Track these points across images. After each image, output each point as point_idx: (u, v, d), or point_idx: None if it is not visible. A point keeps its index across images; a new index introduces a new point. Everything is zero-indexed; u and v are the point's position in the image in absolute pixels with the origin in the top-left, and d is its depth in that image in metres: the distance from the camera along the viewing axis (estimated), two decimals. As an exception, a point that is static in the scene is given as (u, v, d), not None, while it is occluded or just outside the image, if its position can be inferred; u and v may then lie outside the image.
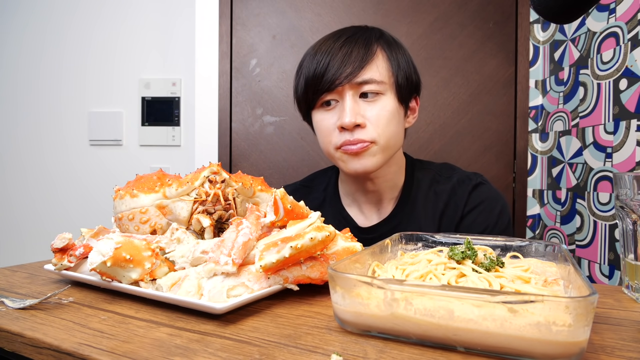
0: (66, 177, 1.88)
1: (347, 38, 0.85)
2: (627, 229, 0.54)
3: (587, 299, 0.33)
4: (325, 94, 0.84)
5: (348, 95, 0.83)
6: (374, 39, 0.86)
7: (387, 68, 0.85)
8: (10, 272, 0.65)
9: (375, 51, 0.84)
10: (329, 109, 0.86)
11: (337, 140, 0.85)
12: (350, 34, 0.87)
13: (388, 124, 0.84)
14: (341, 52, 0.83)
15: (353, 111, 0.82)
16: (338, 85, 0.82)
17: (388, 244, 0.60)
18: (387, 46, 0.87)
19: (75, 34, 1.86)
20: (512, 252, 0.59)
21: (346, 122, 0.81)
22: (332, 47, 0.84)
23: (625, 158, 1.11)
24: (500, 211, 0.90)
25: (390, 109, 0.84)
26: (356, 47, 0.84)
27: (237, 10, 1.75)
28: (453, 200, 0.91)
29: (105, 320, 0.44)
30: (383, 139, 0.84)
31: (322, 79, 0.83)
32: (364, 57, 0.83)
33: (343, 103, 0.83)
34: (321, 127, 0.88)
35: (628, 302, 0.52)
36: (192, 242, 0.56)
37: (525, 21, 1.63)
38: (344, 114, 0.82)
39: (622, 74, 1.13)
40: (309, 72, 0.86)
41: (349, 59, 0.82)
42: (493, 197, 0.91)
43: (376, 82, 0.83)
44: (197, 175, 0.65)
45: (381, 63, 0.85)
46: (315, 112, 0.89)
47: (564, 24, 1.45)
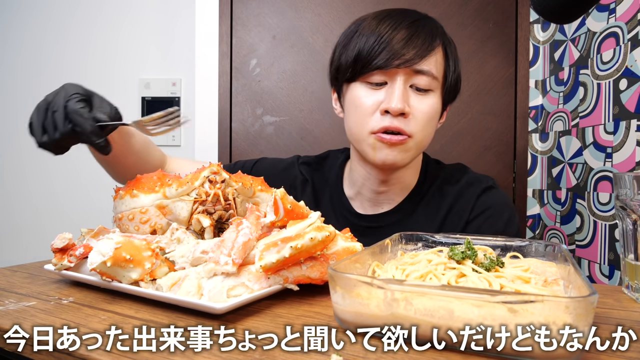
0: (66, 177, 1.88)
1: (413, 21, 0.79)
2: (627, 229, 0.54)
3: (587, 299, 0.33)
4: (377, 71, 0.78)
5: (400, 80, 0.77)
6: (438, 32, 0.81)
7: (443, 66, 0.82)
8: (10, 272, 0.65)
9: (437, 45, 0.80)
10: (374, 88, 0.80)
11: (377, 123, 0.79)
12: (417, 17, 0.81)
13: (429, 122, 0.81)
14: (407, 33, 0.77)
15: (403, 98, 0.77)
16: (395, 67, 0.76)
17: (388, 244, 0.60)
18: (448, 44, 0.83)
19: (75, 34, 1.86)
20: (512, 252, 0.59)
21: (393, 107, 0.76)
22: (398, 25, 0.78)
23: (625, 158, 1.11)
24: (509, 219, 0.85)
25: (435, 108, 0.81)
26: (422, 33, 0.78)
27: (237, 10, 1.75)
28: (459, 203, 0.87)
29: (105, 320, 0.44)
30: (420, 135, 0.80)
31: (379, 54, 0.77)
32: (428, 46, 0.78)
33: (392, 86, 0.78)
34: (360, 104, 0.81)
35: (628, 302, 0.52)
36: (192, 242, 0.56)
37: (525, 21, 1.63)
38: (392, 98, 0.77)
39: (622, 74, 1.13)
40: (367, 42, 0.78)
41: (413, 43, 0.77)
42: (502, 203, 0.87)
43: (432, 76, 0.79)
44: (197, 175, 0.65)
45: (439, 59, 0.81)
46: (355, 85, 0.82)
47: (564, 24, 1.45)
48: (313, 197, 0.97)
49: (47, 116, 0.66)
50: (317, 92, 1.73)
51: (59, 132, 0.65)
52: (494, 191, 0.88)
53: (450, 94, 0.85)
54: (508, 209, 0.86)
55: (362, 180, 0.91)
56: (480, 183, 0.88)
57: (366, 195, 0.92)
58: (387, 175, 0.87)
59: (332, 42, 1.72)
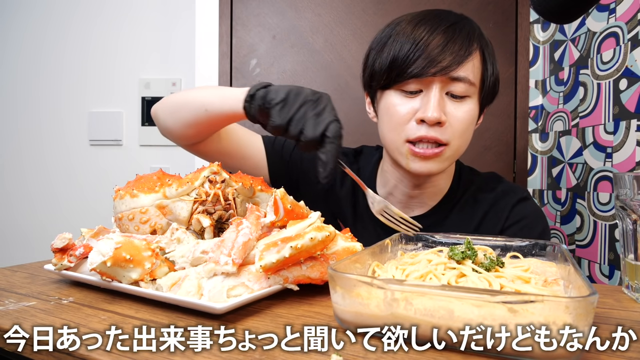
0: (66, 177, 1.88)
1: (449, 25, 0.77)
2: (627, 229, 0.54)
3: (587, 299, 0.33)
4: (413, 79, 0.76)
5: (436, 88, 0.76)
6: (475, 35, 0.79)
7: (480, 70, 0.79)
8: (10, 272, 0.65)
9: (474, 49, 0.77)
10: (409, 96, 0.78)
11: (412, 132, 0.77)
12: (453, 20, 0.79)
13: (466, 129, 0.79)
14: (443, 38, 0.75)
15: (439, 107, 0.75)
16: (430, 75, 0.74)
17: (388, 244, 0.60)
18: (485, 47, 0.81)
19: (75, 34, 1.86)
20: (512, 252, 0.59)
21: (429, 116, 0.74)
22: (434, 31, 0.76)
23: (625, 158, 1.11)
24: (543, 230, 0.85)
25: (472, 115, 0.79)
26: (459, 38, 0.76)
27: (237, 10, 1.75)
28: (494, 210, 0.86)
29: (105, 320, 0.44)
30: (457, 143, 0.79)
31: (414, 62, 0.75)
32: (465, 52, 0.75)
33: (428, 94, 0.76)
34: (395, 113, 0.79)
35: (628, 302, 0.52)
36: (192, 242, 0.56)
37: (525, 21, 1.63)
38: (428, 107, 0.75)
39: (622, 74, 1.13)
40: (401, 49, 0.76)
41: (450, 49, 0.74)
42: (536, 215, 0.86)
43: (469, 82, 0.77)
44: (197, 175, 0.65)
45: (477, 64, 0.78)
46: (389, 92, 0.80)
47: (564, 24, 1.45)
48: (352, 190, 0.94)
49: (303, 119, 0.66)
50: (317, 92, 1.73)
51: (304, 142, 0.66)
52: (529, 202, 0.88)
53: (488, 97, 0.84)
54: (542, 221, 0.86)
55: (395, 182, 0.90)
56: (516, 193, 0.88)
57: (398, 197, 0.91)
58: (421, 180, 0.86)
59: (332, 42, 1.72)
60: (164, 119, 0.87)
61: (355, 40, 1.71)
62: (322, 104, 0.68)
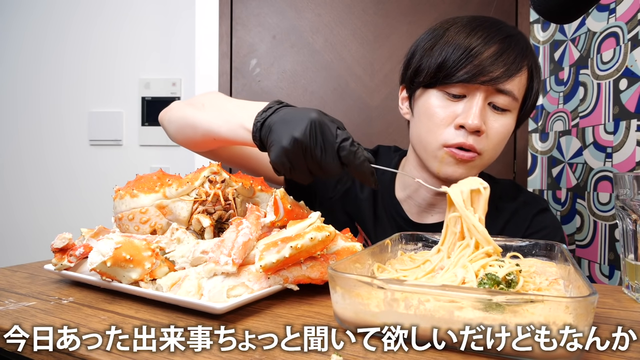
0: (66, 177, 1.88)
1: (506, 37, 0.76)
2: (627, 229, 0.54)
3: (587, 299, 0.33)
4: (459, 84, 0.75)
5: (480, 96, 0.75)
6: (529, 51, 0.78)
7: (525, 87, 0.79)
8: (10, 272, 0.65)
9: (524, 65, 0.77)
10: (452, 100, 0.77)
11: (452, 137, 0.76)
12: (509, 33, 0.78)
13: (501, 142, 0.79)
14: (498, 49, 0.74)
15: (481, 115, 0.75)
16: (477, 83, 0.74)
17: (388, 244, 0.60)
18: (535, 65, 0.80)
19: (75, 34, 1.86)
20: (512, 252, 0.59)
21: (471, 123, 0.74)
22: (490, 40, 0.75)
23: (625, 158, 1.11)
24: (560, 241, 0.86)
25: (509, 129, 0.79)
26: (513, 52, 0.75)
27: (237, 10, 1.75)
28: (515, 219, 0.87)
29: (105, 320, 0.44)
30: (489, 155, 0.79)
31: (465, 67, 0.74)
32: (517, 66, 0.75)
33: (472, 101, 0.75)
34: (435, 114, 0.78)
35: (628, 302, 0.52)
36: (192, 242, 0.56)
37: (525, 21, 1.63)
38: (470, 114, 0.74)
39: (622, 74, 1.13)
40: (454, 52, 0.75)
41: (502, 61, 0.74)
42: (556, 226, 0.87)
43: (513, 97, 0.76)
44: (197, 175, 0.65)
45: (524, 80, 0.78)
46: (431, 92, 0.79)
47: (564, 24, 1.45)
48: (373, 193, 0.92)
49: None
50: (317, 92, 1.73)
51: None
52: (549, 213, 0.89)
53: (526, 114, 0.83)
54: (560, 232, 0.88)
55: (416, 186, 0.88)
56: (537, 204, 0.89)
57: (417, 201, 0.90)
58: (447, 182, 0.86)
59: (332, 42, 1.72)
60: (173, 134, 0.88)
61: (355, 40, 1.71)
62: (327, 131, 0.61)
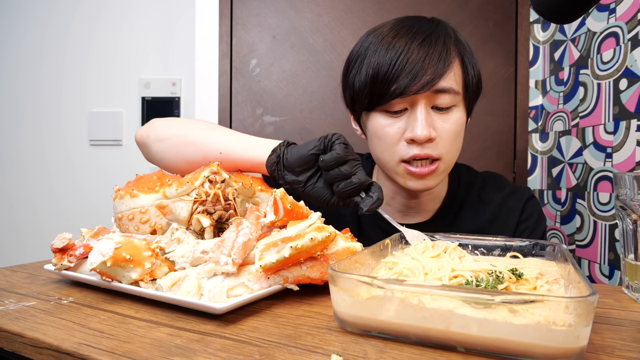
0: (66, 177, 1.88)
1: (425, 37, 0.75)
2: (627, 229, 0.54)
3: (587, 299, 0.33)
4: (397, 99, 0.74)
5: (421, 105, 0.74)
6: (452, 41, 0.77)
7: (461, 76, 0.78)
8: (10, 272, 0.65)
9: (453, 58, 0.75)
10: (395, 116, 0.76)
11: (405, 152, 0.76)
12: (428, 31, 0.76)
13: (456, 139, 0.78)
14: (420, 53, 0.73)
15: (427, 124, 0.73)
16: (413, 93, 0.72)
17: (388, 244, 0.60)
18: (463, 51, 0.78)
19: (75, 34, 1.86)
20: (512, 252, 0.59)
21: (419, 135, 0.73)
22: (410, 46, 0.73)
23: (625, 158, 1.11)
24: (544, 232, 0.88)
25: (461, 123, 0.78)
26: (436, 50, 0.74)
27: (237, 10, 1.75)
28: (504, 211, 0.87)
29: (105, 320, 0.44)
30: (450, 155, 0.78)
31: (395, 82, 0.73)
32: (444, 63, 0.73)
33: (414, 112, 0.74)
34: (384, 135, 0.78)
35: (628, 302, 0.52)
36: (192, 242, 0.56)
37: (525, 21, 1.63)
38: (416, 126, 0.73)
39: (622, 74, 1.13)
40: (378, 68, 0.74)
41: (429, 63, 0.72)
42: (542, 215, 0.89)
43: (453, 92, 0.75)
44: (197, 175, 0.65)
45: (457, 70, 0.76)
46: (374, 114, 0.79)
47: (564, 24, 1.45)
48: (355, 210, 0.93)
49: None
50: (317, 92, 1.73)
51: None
52: (535, 200, 0.90)
53: (474, 97, 0.82)
54: (544, 222, 0.89)
55: (392, 195, 0.89)
56: (525, 191, 0.90)
57: (396, 207, 0.91)
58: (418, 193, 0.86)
59: (332, 42, 1.72)
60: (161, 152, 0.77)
61: (355, 40, 1.69)
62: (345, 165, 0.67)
